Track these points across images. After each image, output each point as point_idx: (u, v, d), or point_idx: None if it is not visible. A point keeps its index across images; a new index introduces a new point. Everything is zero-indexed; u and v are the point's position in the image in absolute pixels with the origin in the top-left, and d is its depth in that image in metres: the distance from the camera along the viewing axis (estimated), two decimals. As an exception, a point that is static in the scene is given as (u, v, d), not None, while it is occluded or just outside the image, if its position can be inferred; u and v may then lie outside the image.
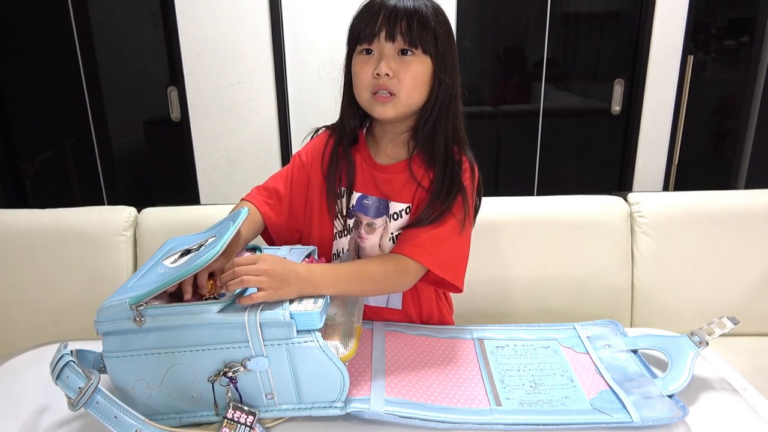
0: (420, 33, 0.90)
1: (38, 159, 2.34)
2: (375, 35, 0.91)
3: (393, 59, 0.91)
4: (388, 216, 0.99)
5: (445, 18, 0.95)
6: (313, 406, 0.76)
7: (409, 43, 0.91)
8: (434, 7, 0.93)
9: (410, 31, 0.90)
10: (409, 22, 0.90)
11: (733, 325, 0.86)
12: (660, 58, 2.11)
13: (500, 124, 2.36)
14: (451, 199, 0.94)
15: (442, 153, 0.96)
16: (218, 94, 2.09)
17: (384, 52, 0.92)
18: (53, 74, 2.23)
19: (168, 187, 2.39)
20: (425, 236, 0.93)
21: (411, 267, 0.92)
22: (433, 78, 0.94)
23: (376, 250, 1.00)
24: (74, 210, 1.51)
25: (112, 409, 0.70)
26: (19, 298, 1.45)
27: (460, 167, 0.97)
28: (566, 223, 1.48)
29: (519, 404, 0.79)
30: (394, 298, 1.03)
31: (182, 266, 0.76)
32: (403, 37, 0.90)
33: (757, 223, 1.47)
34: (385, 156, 1.01)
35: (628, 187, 2.27)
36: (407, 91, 0.92)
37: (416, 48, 0.91)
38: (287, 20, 2.04)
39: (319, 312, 0.74)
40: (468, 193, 0.96)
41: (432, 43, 0.92)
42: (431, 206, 0.94)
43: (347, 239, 1.02)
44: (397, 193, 0.98)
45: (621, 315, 1.49)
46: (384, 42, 0.91)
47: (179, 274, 0.73)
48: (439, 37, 0.92)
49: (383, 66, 0.91)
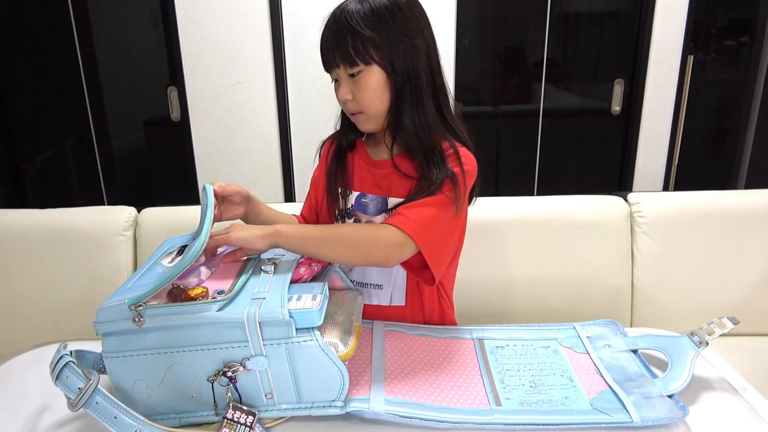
0: (355, 50, 0.90)
1: (38, 159, 2.34)
2: (327, 66, 0.95)
3: (347, 83, 0.94)
4: (387, 212, 0.99)
5: (384, 11, 0.90)
6: (313, 406, 0.76)
7: (350, 65, 0.91)
8: (371, 7, 0.90)
9: (345, 54, 0.91)
10: (342, 44, 0.90)
11: (733, 325, 0.86)
12: (660, 58, 2.11)
13: (500, 124, 2.36)
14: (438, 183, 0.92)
15: (417, 143, 0.94)
16: (218, 94, 2.09)
17: (339, 77, 0.95)
18: (53, 74, 2.23)
19: (168, 187, 2.39)
20: (413, 209, 0.91)
21: (395, 236, 0.88)
22: (389, 80, 0.93)
23: None
24: (74, 210, 1.51)
25: (112, 410, 0.70)
26: (19, 298, 1.45)
27: (443, 154, 0.95)
28: (566, 223, 1.48)
29: (519, 404, 0.79)
30: (397, 295, 1.03)
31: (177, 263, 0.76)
32: (342, 62, 0.92)
33: (757, 223, 1.47)
34: (380, 152, 1.03)
35: (628, 187, 2.27)
36: (369, 105, 0.94)
37: (357, 66, 0.91)
38: (287, 20, 2.04)
39: (317, 309, 0.73)
40: (458, 176, 0.93)
41: (371, 51, 0.90)
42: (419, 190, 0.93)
43: None
44: (394, 188, 0.99)
45: (621, 315, 1.49)
46: (335, 69, 0.94)
47: (175, 271, 0.74)
48: (376, 41, 0.90)
49: (341, 93, 0.95)
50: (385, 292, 1.03)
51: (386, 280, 1.02)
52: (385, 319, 1.02)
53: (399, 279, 1.02)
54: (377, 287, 1.03)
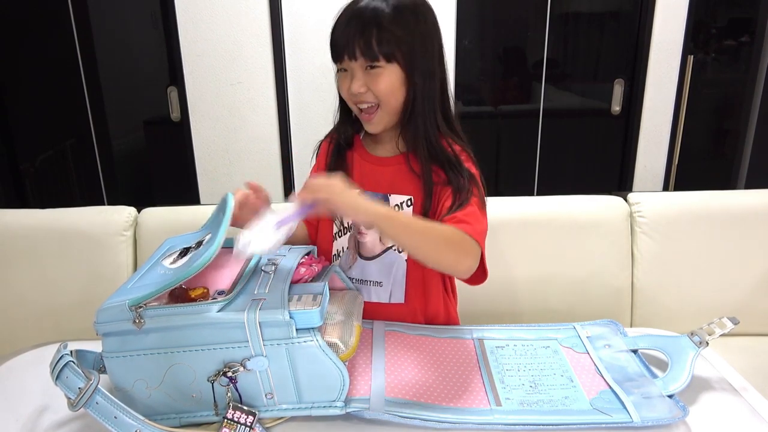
0: (379, 46, 0.90)
1: (38, 159, 2.34)
2: (341, 55, 0.92)
3: (362, 75, 0.92)
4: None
5: (408, 13, 0.91)
6: (313, 406, 0.76)
7: (371, 59, 0.91)
8: (395, 5, 0.90)
9: (369, 47, 0.90)
10: (367, 37, 0.89)
11: (733, 325, 0.86)
12: (660, 58, 2.11)
13: (500, 124, 2.36)
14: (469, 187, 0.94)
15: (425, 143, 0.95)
16: (218, 94, 2.09)
17: (352, 70, 0.93)
18: (53, 74, 2.23)
19: (168, 187, 2.40)
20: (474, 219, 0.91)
21: (473, 247, 0.87)
22: (407, 80, 0.93)
23: (377, 245, 1.01)
24: (74, 210, 1.51)
25: (112, 410, 0.70)
26: (19, 298, 1.45)
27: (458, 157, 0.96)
28: (566, 223, 1.48)
29: (519, 404, 0.79)
30: (396, 292, 1.03)
31: (183, 267, 0.76)
32: (364, 55, 0.90)
33: (757, 223, 1.47)
34: (383, 149, 1.03)
35: (628, 187, 2.27)
36: (385, 99, 0.93)
37: (379, 61, 0.91)
38: (287, 20, 2.04)
39: (318, 310, 0.73)
40: (477, 177, 0.96)
41: (395, 49, 0.91)
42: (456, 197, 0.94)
43: (346, 237, 1.03)
44: (397, 184, 0.99)
45: (621, 315, 1.49)
46: (348, 61, 0.92)
47: (180, 276, 0.73)
48: (402, 41, 0.91)
49: (354, 85, 0.92)
50: (384, 289, 1.03)
51: (386, 278, 1.02)
52: (384, 317, 1.02)
53: (399, 276, 1.02)
54: (377, 284, 1.03)
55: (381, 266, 1.02)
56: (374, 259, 1.02)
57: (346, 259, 1.04)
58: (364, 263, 1.03)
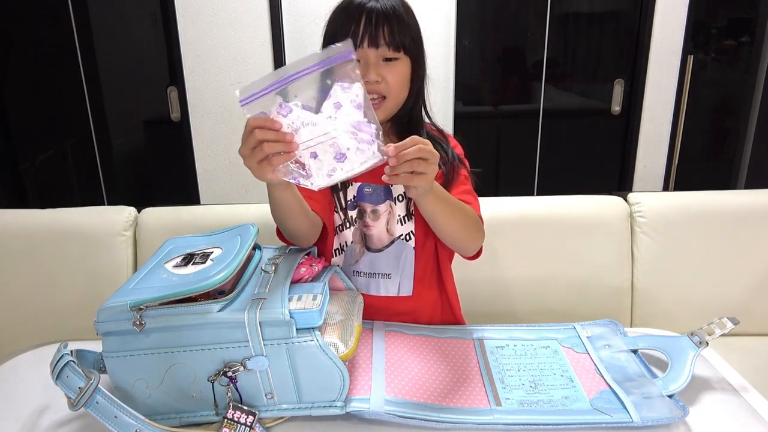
0: (401, 37, 0.92)
1: (38, 159, 2.34)
2: (361, 42, 0.91)
3: (378, 66, 0.93)
4: (392, 199, 1.00)
5: (410, 9, 0.97)
6: (313, 406, 0.76)
7: (394, 49, 0.92)
8: (403, 2, 0.95)
9: (393, 37, 0.91)
10: (390, 26, 0.91)
11: (733, 326, 0.86)
12: (660, 58, 2.11)
13: (500, 124, 2.36)
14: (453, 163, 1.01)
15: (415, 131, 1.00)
16: (218, 94, 2.09)
17: (368, 58, 0.92)
18: (53, 74, 2.23)
19: (168, 187, 2.40)
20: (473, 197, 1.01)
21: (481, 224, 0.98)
22: (412, 74, 0.97)
23: (384, 236, 1.01)
24: (74, 210, 1.51)
25: (112, 409, 0.70)
26: (19, 298, 1.45)
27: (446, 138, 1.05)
28: (566, 223, 1.48)
29: (519, 404, 0.79)
30: (405, 284, 1.03)
31: (189, 281, 0.75)
32: (387, 44, 0.91)
33: (757, 223, 1.47)
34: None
35: (628, 187, 2.27)
36: (395, 93, 0.96)
37: (399, 51, 0.93)
38: (287, 20, 2.04)
39: (318, 310, 0.73)
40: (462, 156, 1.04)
41: (411, 43, 0.94)
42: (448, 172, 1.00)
43: (351, 231, 1.03)
44: None
45: (621, 315, 1.49)
46: (367, 49, 0.92)
47: (185, 290, 0.73)
48: (414, 35, 0.95)
49: (372, 74, 0.92)
50: (393, 281, 1.03)
51: (395, 269, 1.03)
52: (392, 311, 1.02)
53: (407, 267, 1.03)
54: (386, 276, 1.03)
55: (390, 257, 1.02)
56: (383, 251, 1.02)
57: (351, 253, 1.03)
58: (372, 256, 1.03)
